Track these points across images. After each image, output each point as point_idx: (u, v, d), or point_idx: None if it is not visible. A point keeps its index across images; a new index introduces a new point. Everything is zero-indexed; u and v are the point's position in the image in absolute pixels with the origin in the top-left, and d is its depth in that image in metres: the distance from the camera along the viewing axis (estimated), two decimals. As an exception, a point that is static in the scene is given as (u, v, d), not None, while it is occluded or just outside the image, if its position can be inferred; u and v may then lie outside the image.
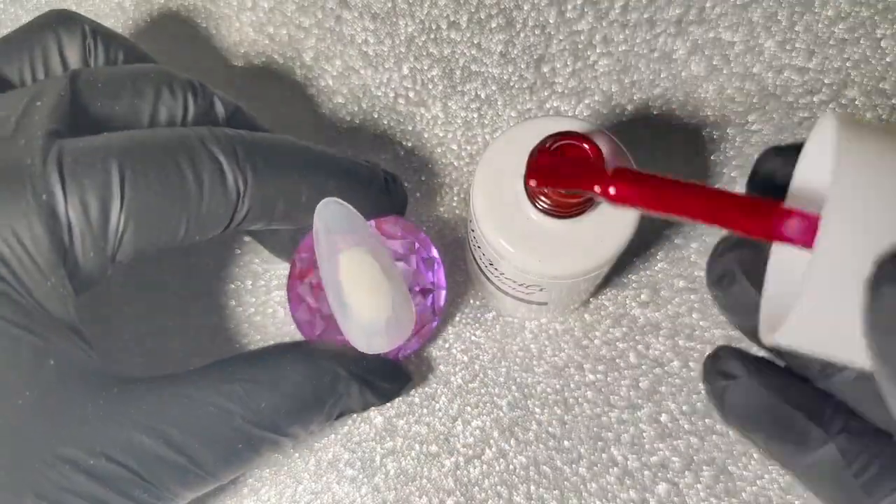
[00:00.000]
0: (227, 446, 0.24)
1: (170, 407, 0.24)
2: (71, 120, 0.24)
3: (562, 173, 0.21)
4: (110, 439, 0.23)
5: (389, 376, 0.28)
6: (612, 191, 0.18)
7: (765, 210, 0.16)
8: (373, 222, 0.29)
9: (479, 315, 0.34)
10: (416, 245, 0.30)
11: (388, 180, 0.30)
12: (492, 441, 0.32)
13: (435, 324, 0.30)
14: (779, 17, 0.35)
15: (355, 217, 0.26)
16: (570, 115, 0.35)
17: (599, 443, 0.32)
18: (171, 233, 0.24)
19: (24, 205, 0.22)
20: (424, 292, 0.30)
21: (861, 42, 0.35)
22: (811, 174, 0.19)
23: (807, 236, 0.16)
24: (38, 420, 0.22)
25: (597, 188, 0.19)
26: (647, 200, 0.18)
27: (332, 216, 0.25)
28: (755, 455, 0.31)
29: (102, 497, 0.22)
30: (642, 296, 0.33)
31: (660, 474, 0.32)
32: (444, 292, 0.30)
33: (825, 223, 0.14)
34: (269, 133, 0.28)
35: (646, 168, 0.34)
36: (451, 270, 0.34)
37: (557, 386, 0.33)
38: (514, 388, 0.33)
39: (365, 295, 0.26)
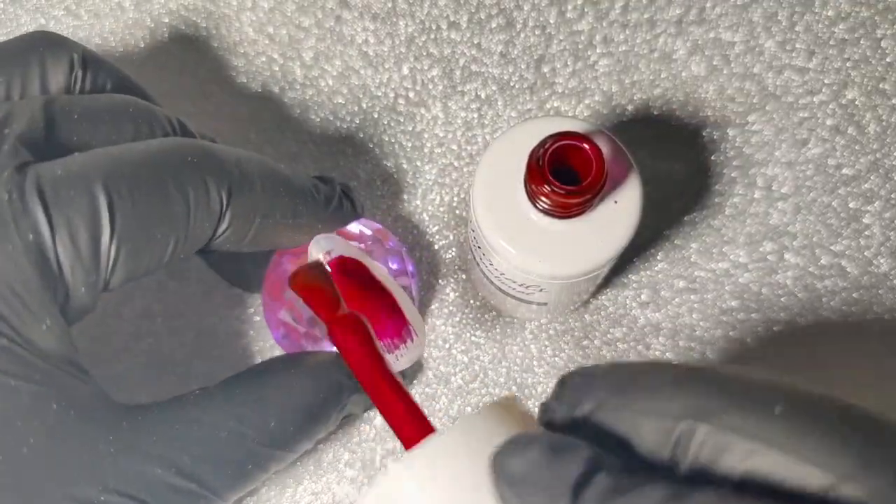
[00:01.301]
0: (238, 468, 0.24)
1: (181, 434, 0.23)
2: (44, 150, 0.23)
3: (311, 294, 0.25)
4: (122, 474, 0.22)
5: None
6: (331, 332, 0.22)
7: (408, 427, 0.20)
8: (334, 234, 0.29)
9: (479, 315, 0.34)
10: (376, 235, 0.30)
11: (344, 193, 0.29)
12: (492, 441, 0.32)
13: None
14: (779, 17, 0.35)
15: (349, 246, 0.26)
16: (570, 115, 0.35)
17: (599, 443, 0.32)
18: (160, 254, 0.23)
19: (11, 248, 0.21)
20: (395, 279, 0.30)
21: (861, 42, 0.35)
22: None
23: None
24: (46, 464, 0.22)
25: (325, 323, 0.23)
26: (351, 359, 0.21)
27: (328, 244, 0.26)
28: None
29: None
30: (642, 296, 0.33)
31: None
32: (413, 274, 0.31)
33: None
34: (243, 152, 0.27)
35: (647, 168, 0.34)
36: (450, 270, 0.34)
37: (557, 386, 0.33)
38: (514, 388, 0.33)
39: None
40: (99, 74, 0.26)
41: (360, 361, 0.21)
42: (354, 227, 0.30)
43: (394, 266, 0.31)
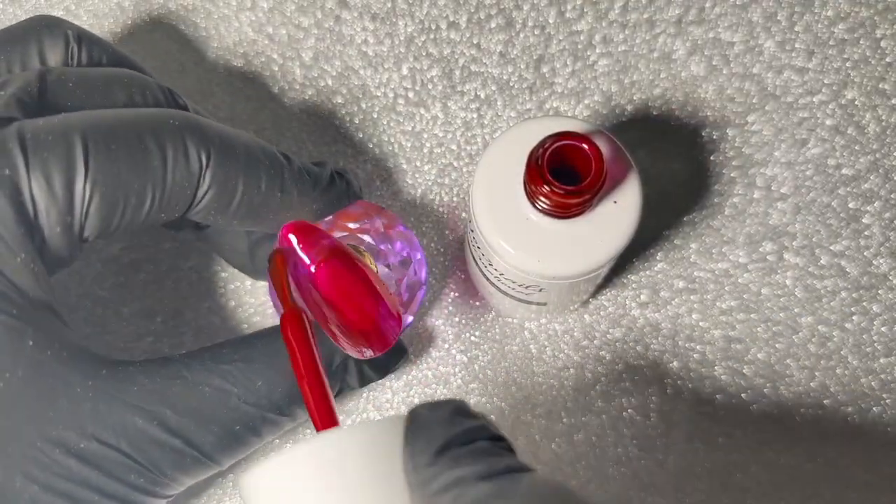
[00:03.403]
0: (225, 427, 0.24)
1: (163, 388, 0.23)
2: (36, 112, 0.24)
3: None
4: (101, 421, 0.22)
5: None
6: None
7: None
8: (330, 218, 0.29)
9: (478, 316, 0.34)
10: (382, 220, 0.30)
11: (339, 174, 0.30)
12: (491, 441, 0.32)
13: (422, 292, 0.30)
14: (779, 17, 0.35)
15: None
16: (569, 115, 0.35)
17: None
18: (138, 206, 0.24)
19: None
20: (404, 263, 0.30)
21: (861, 42, 0.35)
22: None
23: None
24: (23, 401, 0.21)
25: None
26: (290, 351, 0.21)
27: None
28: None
29: (95, 482, 0.22)
30: (642, 296, 0.33)
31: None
32: (422, 259, 0.30)
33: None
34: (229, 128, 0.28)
35: (647, 168, 0.34)
36: (450, 270, 0.34)
37: (557, 387, 0.33)
38: (513, 388, 0.33)
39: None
40: (94, 50, 0.27)
41: (295, 354, 0.21)
42: (356, 211, 0.30)
43: (404, 253, 0.30)
